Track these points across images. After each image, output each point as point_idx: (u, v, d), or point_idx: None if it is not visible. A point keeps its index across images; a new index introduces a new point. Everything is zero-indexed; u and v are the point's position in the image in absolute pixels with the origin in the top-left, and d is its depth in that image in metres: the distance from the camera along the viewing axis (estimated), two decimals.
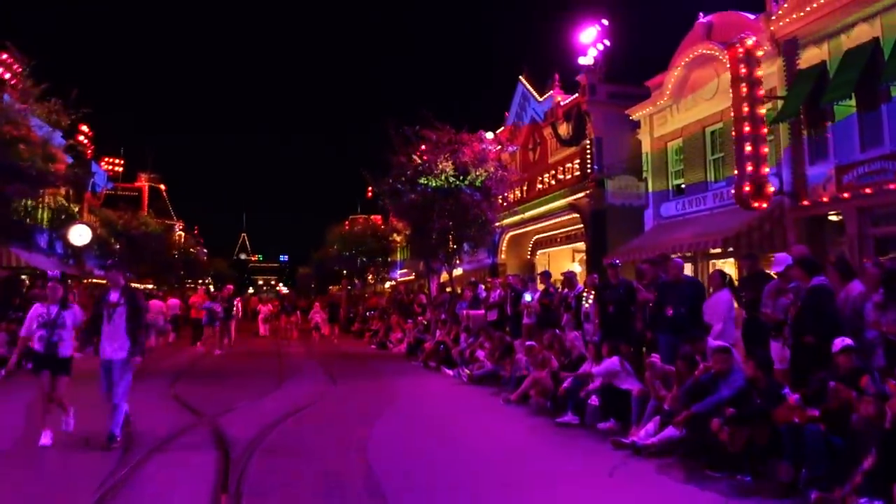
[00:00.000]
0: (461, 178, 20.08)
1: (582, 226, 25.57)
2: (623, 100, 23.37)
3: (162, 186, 78.71)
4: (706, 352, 9.20)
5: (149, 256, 45.81)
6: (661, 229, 19.69)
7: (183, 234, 78.91)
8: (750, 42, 14.96)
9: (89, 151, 45.42)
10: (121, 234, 41.08)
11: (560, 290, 15.73)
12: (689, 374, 8.85)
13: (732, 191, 17.41)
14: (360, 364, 19.53)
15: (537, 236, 30.91)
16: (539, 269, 30.69)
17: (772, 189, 14.87)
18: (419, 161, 20.04)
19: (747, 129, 14.67)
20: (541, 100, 27.49)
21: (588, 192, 22.91)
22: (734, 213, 16.80)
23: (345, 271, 47.08)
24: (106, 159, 59.91)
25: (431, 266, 23.66)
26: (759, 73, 14.99)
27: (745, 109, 14.73)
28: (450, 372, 16.18)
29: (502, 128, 30.24)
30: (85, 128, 45.07)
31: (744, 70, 14.84)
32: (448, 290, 22.18)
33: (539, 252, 31.60)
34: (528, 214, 26.60)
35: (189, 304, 25.85)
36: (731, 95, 17.55)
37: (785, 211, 15.61)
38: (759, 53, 15.07)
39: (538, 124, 27.90)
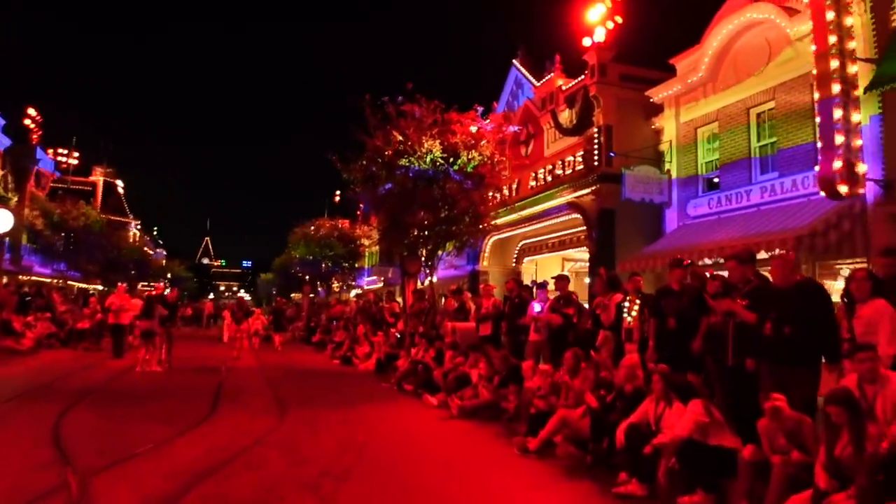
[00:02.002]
0: (450, 160, 16.55)
1: (580, 229, 22.22)
2: (637, 82, 20.09)
3: (118, 182, 74.28)
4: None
5: (94, 253, 41.82)
6: (689, 230, 16.32)
7: (138, 233, 74.71)
8: None
9: (35, 136, 41.39)
10: (58, 225, 37.02)
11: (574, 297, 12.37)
12: (853, 428, 5.52)
13: (785, 183, 14.27)
14: (320, 384, 15.80)
15: (524, 242, 27.42)
16: (526, 279, 27.39)
17: (864, 172, 11.54)
18: (400, 138, 16.44)
19: (837, 89, 11.35)
20: (538, 84, 24.09)
21: (594, 187, 19.50)
22: (792, 210, 13.52)
23: (307, 277, 43.35)
24: (58, 150, 55.89)
25: (407, 269, 20.02)
26: (850, 21, 11.71)
27: (835, 66, 11.41)
28: (433, 400, 12.56)
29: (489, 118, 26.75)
30: (32, 111, 41.16)
31: (832, 15, 11.53)
32: (427, 297, 18.55)
33: (526, 259, 28.13)
34: (524, 213, 23.03)
35: (106, 307, 21.23)
36: (786, 68, 14.51)
37: (866, 205, 12.32)
38: None
39: (533, 113, 24.45)
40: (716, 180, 16.66)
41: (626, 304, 9.84)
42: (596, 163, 19.54)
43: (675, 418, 7.13)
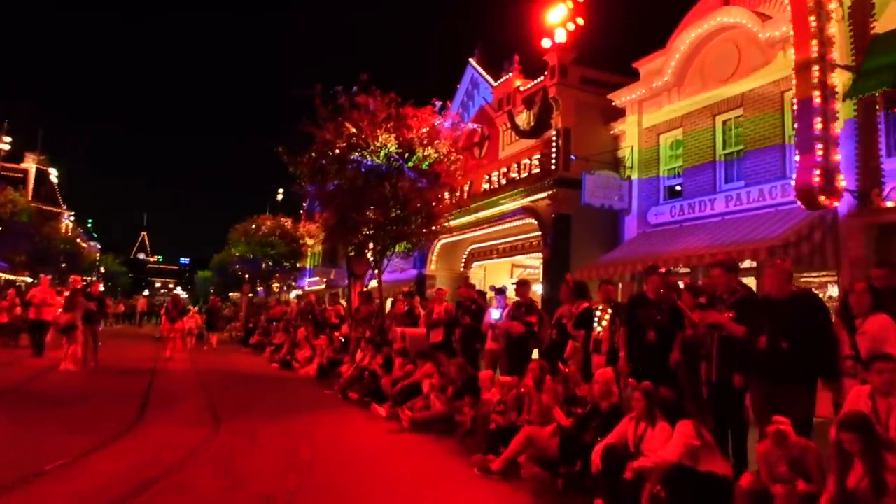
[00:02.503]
0: (405, 156, 15.68)
1: (533, 234, 21.59)
2: (597, 86, 19.56)
3: (52, 171, 71.33)
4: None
5: (21, 243, 39.76)
6: (650, 238, 15.77)
7: (71, 224, 71.98)
8: None
9: None
10: None
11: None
12: (868, 457, 4.93)
13: (752, 193, 13.83)
14: (258, 390, 14.76)
15: (473, 246, 26.70)
16: (476, 282, 26.66)
17: (843, 183, 11.08)
18: (353, 131, 15.49)
19: (818, 99, 10.88)
20: (495, 84, 23.41)
21: (551, 191, 18.87)
22: (760, 220, 13.07)
23: (247, 276, 41.94)
24: None
25: (354, 270, 19.07)
26: (832, 29, 11.26)
27: (816, 74, 10.94)
28: (381, 410, 11.67)
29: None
30: None
31: (814, 23, 11.07)
32: (377, 300, 17.63)
33: (475, 264, 27.42)
34: (475, 216, 22.28)
35: (27, 301, 19.55)
36: (756, 75, 14.10)
37: (838, 217, 11.91)
38: (832, 6, 11.32)
39: (489, 114, 23.74)
40: (678, 188, 16.18)
41: (598, 313, 9.13)
42: (553, 166, 18.92)
43: (658, 440, 6.42)
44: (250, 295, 40.32)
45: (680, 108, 15.99)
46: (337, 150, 15.63)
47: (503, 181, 21.78)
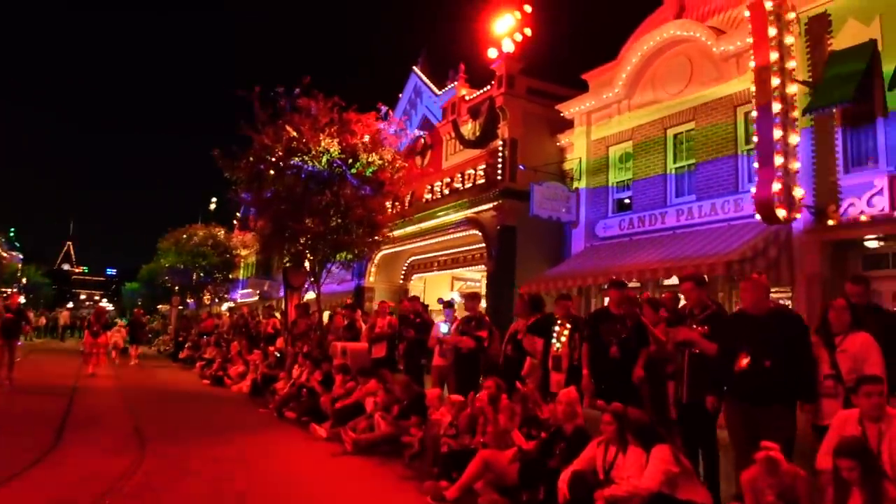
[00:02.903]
0: (349, 161, 14.98)
1: (476, 246, 21.14)
2: (544, 97, 19.28)
3: None
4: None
5: None
6: (599, 252, 15.40)
7: None
8: None
9: None
10: None
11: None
12: (867, 486, 4.56)
13: (703, 207, 13.61)
14: (188, 409, 13.83)
15: (413, 258, 26.11)
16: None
17: (801, 196, 10.86)
18: (294, 134, 14.71)
19: (778, 109, 10.64)
20: (439, 93, 22.92)
21: (496, 202, 18.44)
22: (713, 235, 12.81)
23: (176, 287, 40.42)
24: None
25: (291, 281, 18.23)
26: (790, 40, 11.08)
27: (776, 84, 10.72)
28: (321, 431, 10.93)
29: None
30: None
31: (774, 32, 10.86)
32: (315, 312, 16.84)
33: (414, 277, 26.81)
34: (417, 227, 21.70)
35: None
36: (708, 89, 13.93)
37: (792, 232, 11.71)
38: (790, 16, 11.14)
39: (432, 124, 23.22)
40: (627, 201, 15.89)
41: (556, 328, 8.60)
42: (499, 177, 18.49)
43: (631, 466, 5.92)
44: (180, 307, 38.83)
45: (630, 119, 15.73)
46: (277, 156, 14.81)
47: (446, 191, 21.27)
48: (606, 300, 13.41)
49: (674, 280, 13.45)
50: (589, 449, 6.39)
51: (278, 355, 17.34)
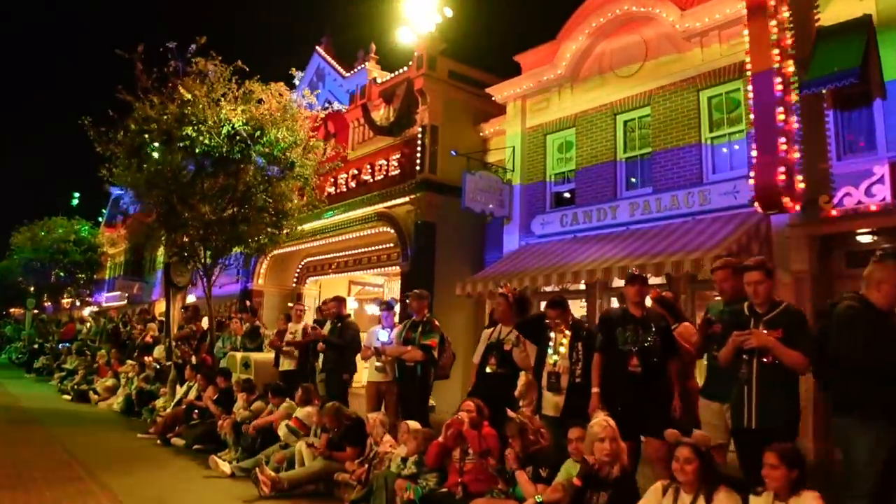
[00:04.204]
0: (256, 135, 12.52)
1: (385, 246, 19.07)
2: (467, 83, 17.47)
3: None
4: None
5: None
6: (538, 250, 13.59)
7: None
8: None
9: None
10: None
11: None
12: None
13: (663, 200, 12.10)
14: (40, 436, 11.04)
15: (309, 259, 23.68)
16: (308, 301, 23.62)
17: (801, 185, 9.41)
18: (189, 97, 12.17)
19: (779, 87, 9.17)
20: (347, 75, 20.66)
21: (414, 195, 16.46)
22: (679, 231, 11.29)
23: (32, 288, 36.12)
24: None
25: (175, 279, 15.52)
26: (786, 12, 9.66)
27: (776, 57, 9.27)
28: (224, 465, 8.56)
29: None
30: None
31: (772, 2, 9.43)
32: (204, 315, 14.25)
33: (309, 280, 24.36)
34: (317, 224, 19.32)
35: None
36: (666, 71, 12.48)
37: (771, 225, 10.32)
38: None
39: (336, 111, 20.90)
40: (567, 195, 14.22)
41: (552, 335, 6.67)
42: (418, 167, 16.50)
43: None
44: (35, 312, 34.60)
45: (573, 104, 14.06)
46: (164, 126, 12.20)
47: (352, 184, 19.07)
48: (612, 302, 11.64)
49: (617, 283, 11.96)
50: (651, 500, 4.51)
51: (158, 367, 14.64)
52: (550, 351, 6.62)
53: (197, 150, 12.19)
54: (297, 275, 24.43)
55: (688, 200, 11.73)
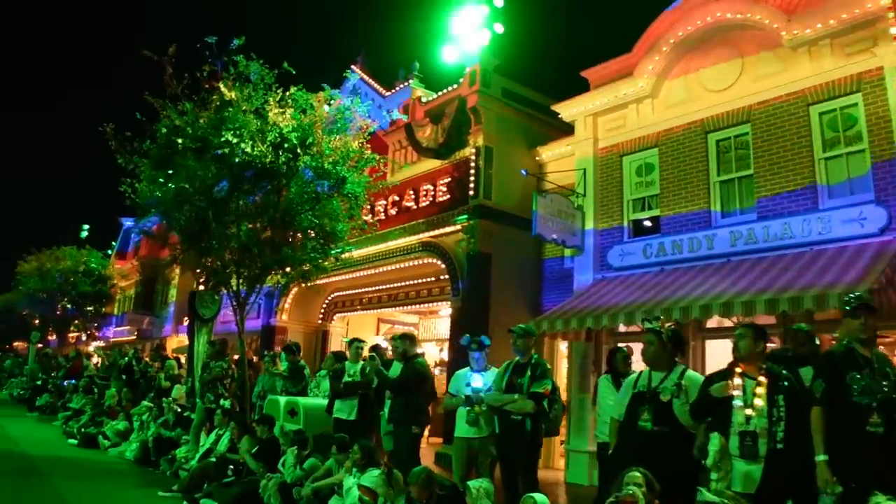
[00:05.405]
0: (307, 143, 10.93)
1: (429, 279, 17.52)
2: (521, 103, 16.09)
3: None
4: None
5: None
6: (619, 285, 11.90)
7: None
8: None
9: None
10: None
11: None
12: None
13: (771, 228, 10.48)
14: (37, 494, 9.29)
15: (336, 294, 22.03)
16: (337, 338, 21.91)
17: None
18: (233, 96, 10.62)
19: None
20: (387, 95, 19.25)
21: (466, 223, 14.91)
22: (806, 260, 9.65)
23: (37, 321, 34.52)
24: None
25: (199, 311, 13.78)
26: None
27: None
28: None
29: None
30: None
31: None
32: (231, 351, 12.57)
33: (336, 316, 22.69)
34: (356, 254, 17.64)
35: None
36: (768, 83, 11.03)
37: None
38: None
39: (375, 132, 19.41)
40: (648, 223, 12.58)
41: (737, 381, 4.98)
42: (472, 192, 14.95)
43: None
44: (39, 346, 32.91)
45: (655, 123, 12.52)
46: (198, 129, 10.62)
47: (393, 211, 17.52)
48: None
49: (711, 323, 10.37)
50: None
51: (179, 410, 12.92)
52: (739, 403, 4.92)
53: (236, 160, 10.60)
54: (322, 310, 22.80)
55: (804, 229, 10.12)
